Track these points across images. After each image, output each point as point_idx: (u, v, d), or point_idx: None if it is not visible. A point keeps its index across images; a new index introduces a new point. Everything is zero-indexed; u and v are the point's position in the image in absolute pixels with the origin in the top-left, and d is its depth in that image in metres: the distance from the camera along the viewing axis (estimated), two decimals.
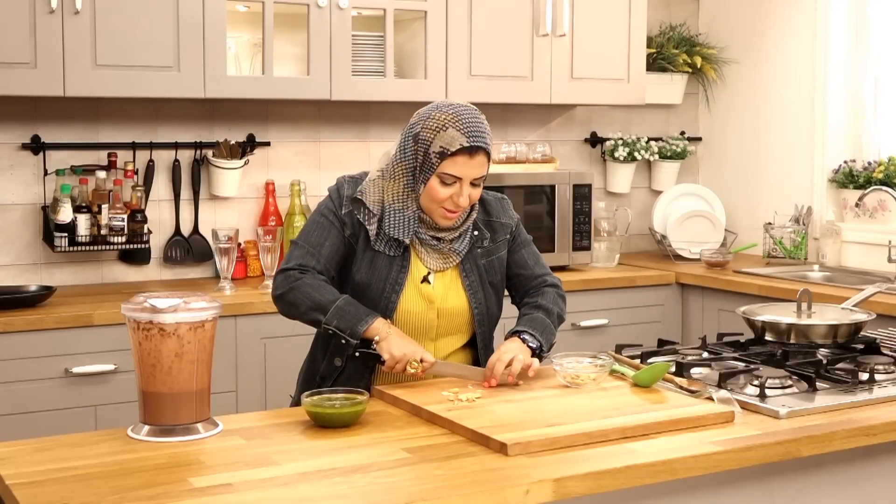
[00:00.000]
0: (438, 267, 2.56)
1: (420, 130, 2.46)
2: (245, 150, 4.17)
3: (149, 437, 2.08)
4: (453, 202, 2.47)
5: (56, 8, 3.50)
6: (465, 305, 2.58)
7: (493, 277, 2.63)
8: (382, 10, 4.07)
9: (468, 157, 2.44)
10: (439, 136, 2.43)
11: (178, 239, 4.12)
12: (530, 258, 2.71)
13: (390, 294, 2.52)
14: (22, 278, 3.87)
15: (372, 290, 2.53)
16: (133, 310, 2.09)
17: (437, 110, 2.47)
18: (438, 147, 2.43)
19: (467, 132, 2.43)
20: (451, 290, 2.58)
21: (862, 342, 2.75)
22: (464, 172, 2.44)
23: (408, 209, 2.51)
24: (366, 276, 2.53)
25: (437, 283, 2.57)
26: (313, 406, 2.18)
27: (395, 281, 2.52)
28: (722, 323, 4.16)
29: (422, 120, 2.48)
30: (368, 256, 2.53)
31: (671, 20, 5.13)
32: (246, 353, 3.63)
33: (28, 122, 3.89)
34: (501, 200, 2.70)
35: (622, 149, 4.87)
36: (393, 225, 2.50)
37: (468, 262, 2.59)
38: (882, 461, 2.30)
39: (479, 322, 2.60)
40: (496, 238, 2.64)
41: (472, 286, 2.58)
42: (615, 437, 2.08)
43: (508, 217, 2.68)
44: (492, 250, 2.63)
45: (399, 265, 2.53)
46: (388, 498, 1.77)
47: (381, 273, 2.52)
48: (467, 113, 2.46)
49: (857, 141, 4.70)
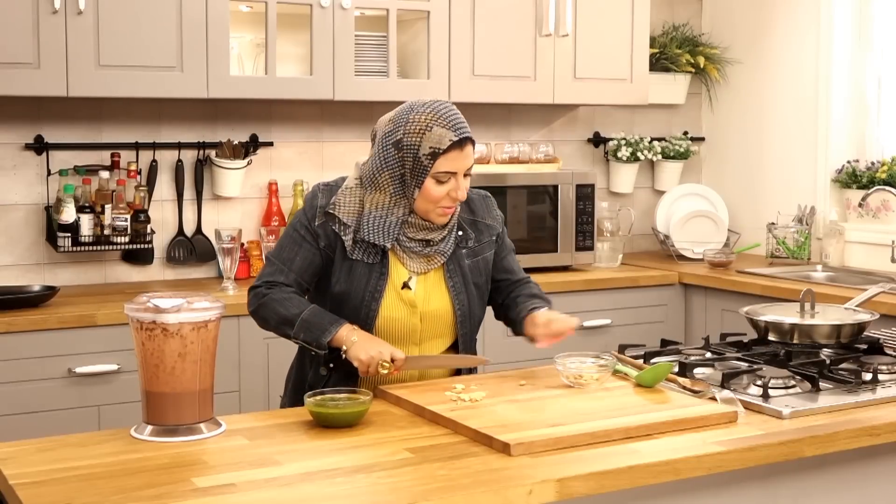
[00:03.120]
0: (422, 269, 2.53)
1: (403, 136, 2.43)
2: (248, 150, 4.18)
3: (152, 437, 2.08)
4: (451, 198, 2.46)
5: (59, 8, 3.51)
6: (449, 307, 2.55)
7: (477, 278, 2.60)
8: (385, 10, 4.07)
9: (459, 151, 2.43)
10: (426, 137, 2.41)
11: (181, 239, 4.12)
12: (515, 263, 2.72)
13: (370, 302, 2.49)
14: (25, 278, 3.87)
15: (352, 299, 2.50)
16: (136, 310, 2.09)
17: (413, 112, 2.44)
18: (428, 149, 2.41)
19: (452, 126, 2.42)
20: (434, 293, 2.54)
21: (865, 342, 2.75)
22: (457, 166, 2.43)
23: (392, 215, 2.47)
24: (345, 286, 2.50)
25: (419, 286, 2.53)
26: (316, 406, 2.18)
27: (374, 288, 2.49)
28: (725, 323, 4.16)
29: (400, 125, 2.44)
30: (346, 266, 2.50)
31: (674, 20, 5.13)
32: (249, 354, 3.63)
33: (31, 123, 3.89)
34: (486, 199, 2.67)
35: (625, 149, 4.87)
36: (372, 230, 2.47)
37: (452, 263, 2.56)
38: (885, 461, 2.30)
39: (461, 323, 2.57)
40: (481, 239, 2.61)
41: (456, 287, 2.55)
42: (618, 437, 2.07)
43: (493, 218, 2.65)
44: (477, 251, 2.60)
45: (378, 272, 2.49)
46: (391, 498, 1.77)
47: (360, 282, 2.49)
48: (444, 108, 2.44)
49: (861, 141, 4.69)
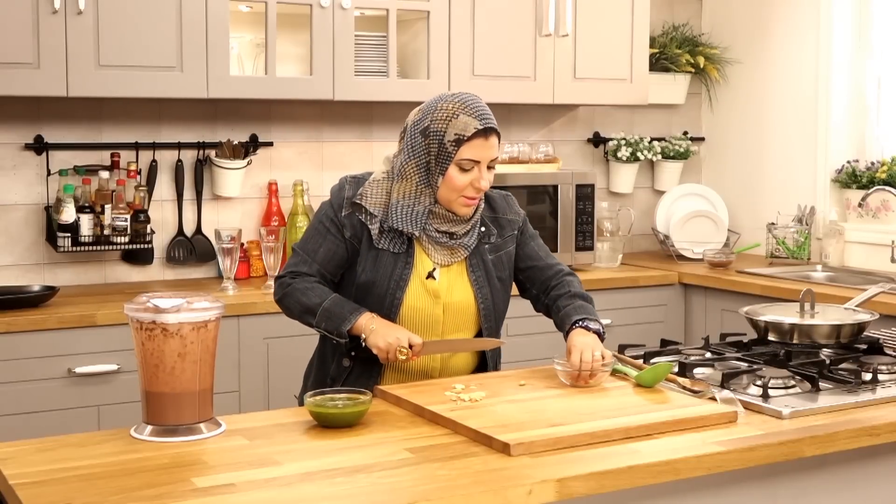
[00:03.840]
0: (445, 261, 2.57)
1: (430, 123, 2.48)
2: (248, 150, 4.18)
3: (152, 438, 2.08)
4: (474, 188, 2.49)
5: (59, 8, 3.50)
6: (472, 300, 2.58)
7: (500, 273, 2.63)
8: (385, 10, 4.07)
9: (484, 140, 2.47)
10: (452, 124, 2.46)
11: (180, 239, 4.12)
12: (541, 250, 2.72)
13: (395, 291, 2.53)
14: (25, 278, 3.87)
15: (377, 287, 2.53)
16: (136, 310, 2.09)
17: (441, 101, 2.50)
18: (453, 135, 2.45)
19: (478, 115, 2.47)
20: (457, 285, 2.58)
21: (865, 342, 2.75)
22: (481, 155, 2.48)
23: (419, 204, 2.51)
24: (370, 275, 2.53)
25: (443, 277, 2.57)
26: (316, 406, 2.18)
27: (399, 277, 2.53)
28: (725, 323, 4.16)
29: (428, 113, 2.49)
30: (372, 255, 2.53)
31: (674, 20, 5.13)
32: (249, 354, 3.63)
33: (31, 123, 3.89)
34: (507, 197, 2.71)
35: (625, 149, 4.87)
36: (400, 218, 2.51)
37: (475, 258, 2.59)
38: (885, 461, 2.30)
39: (485, 317, 2.60)
40: (503, 234, 2.65)
41: (479, 281, 2.59)
42: (618, 437, 2.07)
43: (515, 213, 2.69)
44: (499, 246, 2.63)
45: (403, 261, 2.53)
46: (391, 498, 1.77)
47: (386, 270, 2.53)
48: (471, 99, 2.51)
49: (861, 141, 4.69)
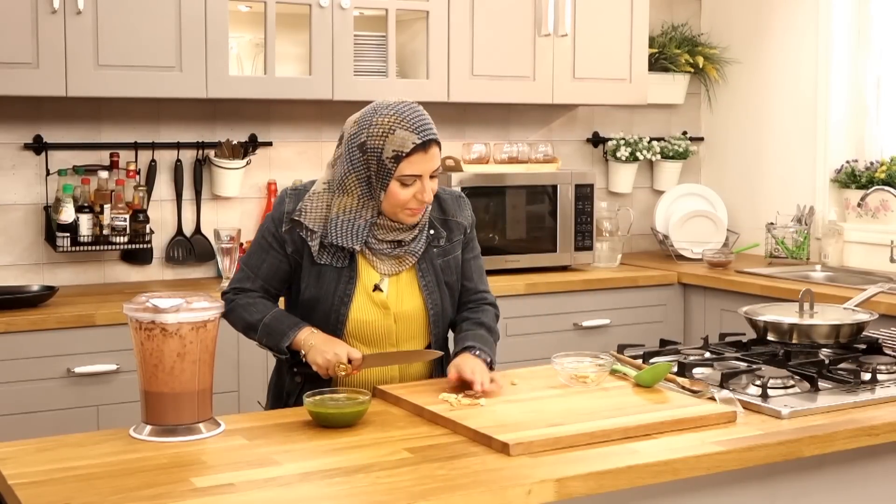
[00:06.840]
0: (393, 270, 2.50)
1: (367, 139, 2.39)
2: (247, 150, 4.18)
3: (151, 437, 2.08)
4: (417, 200, 2.42)
5: (58, 8, 3.50)
6: (422, 307, 2.53)
7: (448, 277, 2.57)
8: (384, 10, 4.07)
9: (423, 153, 2.38)
10: (389, 140, 2.37)
11: (180, 239, 4.12)
12: (476, 271, 2.65)
13: (339, 307, 2.47)
14: (24, 278, 3.87)
15: (322, 304, 2.48)
16: (135, 310, 2.09)
17: (376, 115, 2.40)
18: (391, 152, 2.37)
19: (415, 129, 2.37)
20: (407, 293, 2.52)
21: (864, 342, 2.75)
22: (422, 169, 2.39)
23: (360, 218, 2.44)
24: (314, 291, 2.48)
25: (392, 287, 2.51)
26: (315, 406, 2.18)
27: (343, 293, 2.47)
28: (724, 323, 4.16)
29: (364, 128, 2.40)
30: (315, 271, 2.48)
31: (673, 20, 5.13)
32: (248, 354, 3.63)
33: (30, 123, 3.89)
34: (459, 199, 2.63)
35: (624, 149, 4.87)
36: (340, 234, 2.44)
37: (424, 262, 2.53)
38: (884, 461, 2.30)
39: (434, 323, 2.55)
40: (452, 237, 2.58)
41: (429, 286, 2.53)
42: (617, 437, 2.07)
43: (464, 217, 2.62)
44: (448, 250, 2.57)
45: (347, 276, 2.47)
46: (390, 498, 1.77)
47: (329, 286, 2.47)
48: (408, 109, 2.40)
49: (860, 141, 4.69)
